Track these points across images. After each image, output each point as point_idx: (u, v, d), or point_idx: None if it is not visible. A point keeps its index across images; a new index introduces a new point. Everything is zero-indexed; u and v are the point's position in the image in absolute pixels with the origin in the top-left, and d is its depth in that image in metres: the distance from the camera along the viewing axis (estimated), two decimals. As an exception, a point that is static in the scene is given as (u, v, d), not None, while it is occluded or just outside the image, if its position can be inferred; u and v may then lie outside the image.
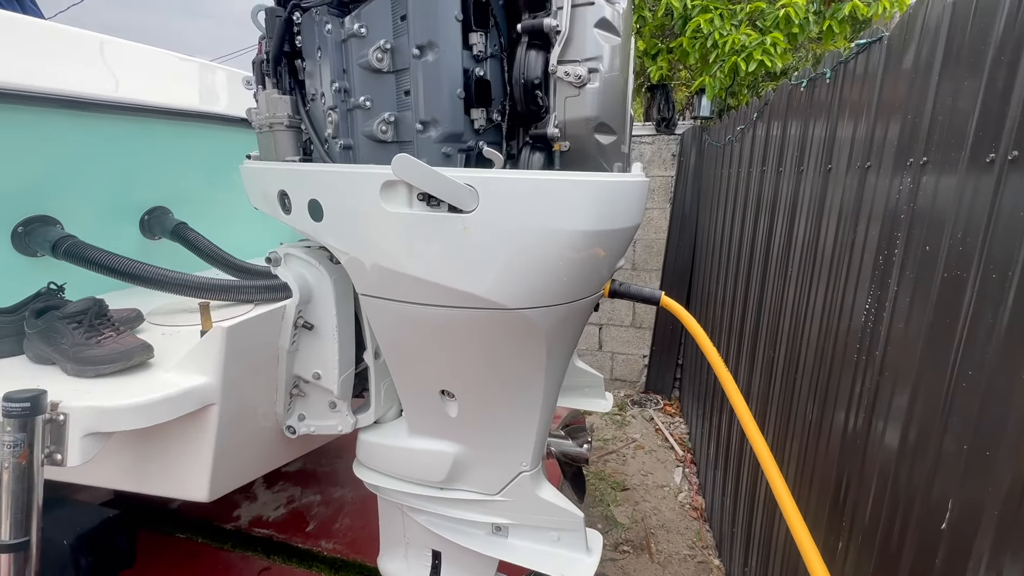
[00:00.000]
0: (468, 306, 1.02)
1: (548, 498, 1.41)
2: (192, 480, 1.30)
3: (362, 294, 1.15)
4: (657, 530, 2.79)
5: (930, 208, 0.94)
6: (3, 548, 0.99)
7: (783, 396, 1.74)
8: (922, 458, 0.94)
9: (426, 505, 1.48)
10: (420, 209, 0.96)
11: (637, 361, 4.57)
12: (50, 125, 1.73)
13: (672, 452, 3.60)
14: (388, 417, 1.57)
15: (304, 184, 1.10)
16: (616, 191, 0.98)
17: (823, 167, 1.48)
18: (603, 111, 0.98)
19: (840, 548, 1.24)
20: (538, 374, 1.21)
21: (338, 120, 1.06)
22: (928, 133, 0.95)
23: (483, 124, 1.01)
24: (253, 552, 2.44)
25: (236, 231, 2.36)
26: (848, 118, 1.35)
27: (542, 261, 0.97)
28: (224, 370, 1.19)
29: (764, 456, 1.00)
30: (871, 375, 1.12)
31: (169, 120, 2.15)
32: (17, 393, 0.99)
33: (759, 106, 2.29)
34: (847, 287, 1.28)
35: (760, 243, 2.16)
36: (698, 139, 3.98)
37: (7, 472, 0.99)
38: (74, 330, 1.20)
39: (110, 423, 1.09)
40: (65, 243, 1.55)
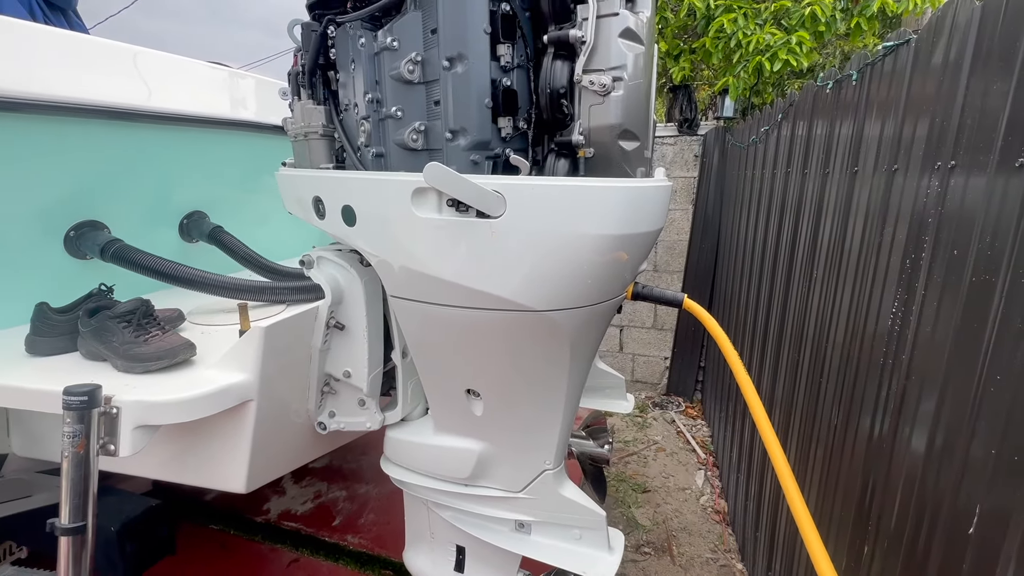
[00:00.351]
0: (494, 308, 1.05)
1: (571, 496, 1.44)
2: (231, 472, 1.36)
3: (392, 295, 1.20)
4: (679, 532, 2.78)
5: (958, 211, 0.94)
6: (62, 531, 1.06)
7: (808, 400, 1.73)
8: (949, 463, 0.93)
9: (451, 501, 1.52)
10: (449, 215, 0.99)
11: (658, 363, 4.55)
12: (97, 135, 1.83)
13: (694, 455, 3.57)
14: (415, 415, 1.61)
15: (338, 190, 1.15)
16: (639, 196, 1.01)
17: (849, 169, 1.47)
18: (627, 118, 1.00)
19: (866, 553, 1.23)
20: (562, 375, 1.24)
21: (371, 129, 1.11)
22: (956, 136, 0.95)
23: (510, 132, 1.05)
24: (282, 544, 2.52)
25: (268, 234, 2.45)
26: (875, 120, 1.34)
27: (567, 265, 1.00)
28: (262, 368, 1.25)
29: (779, 462, 1.01)
30: (898, 379, 1.12)
31: (205, 128, 2.24)
32: (76, 387, 1.06)
33: (784, 107, 2.27)
34: (873, 290, 1.27)
35: (784, 245, 2.14)
36: (721, 140, 3.95)
37: (67, 460, 1.06)
38: (124, 329, 1.27)
39: (158, 416, 1.16)
40: (113, 247, 1.64)
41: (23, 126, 1.62)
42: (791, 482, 1.03)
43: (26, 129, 1.63)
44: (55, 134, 1.71)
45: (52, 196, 1.69)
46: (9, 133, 1.58)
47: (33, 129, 1.64)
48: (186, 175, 2.19)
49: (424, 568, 1.72)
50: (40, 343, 1.37)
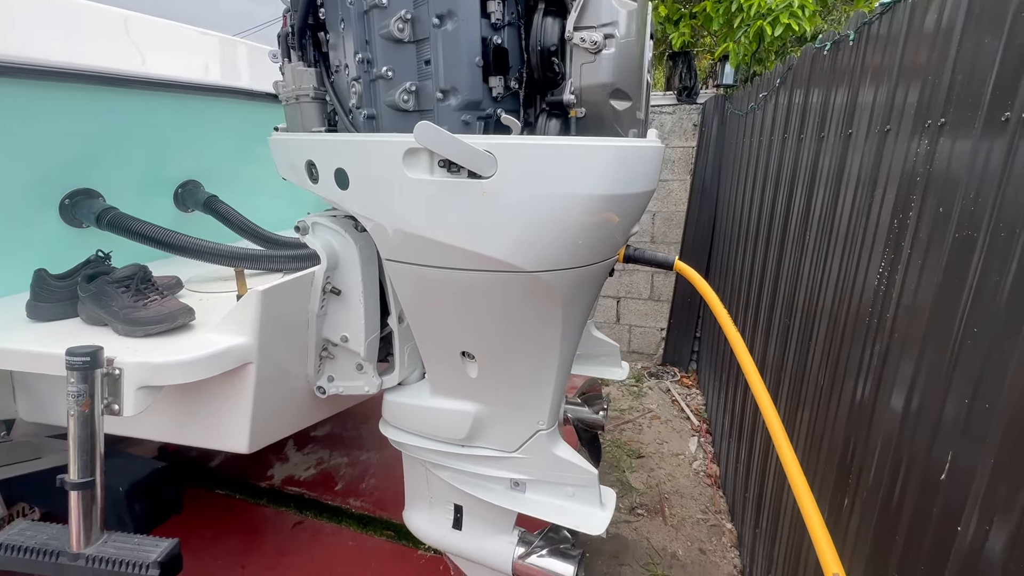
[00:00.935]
0: (486, 269, 1.07)
1: (564, 456, 1.48)
2: (234, 433, 1.40)
3: (386, 259, 1.21)
4: (671, 495, 2.87)
5: (945, 169, 0.94)
6: (72, 486, 1.10)
7: (797, 364, 1.76)
8: (926, 416, 0.97)
9: (448, 461, 1.57)
10: (441, 175, 1.00)
11: (655, 334, 4.60)
12: (91, 102, 1.81)
13: (688, 422, 3.65)
14: (412, 379, 1.65)
15: (330, 154, 1.15)
16: (631, 156, 1.01)
17: (843, 132, 1.47)
18: (619, 77, 1.00)
19: (846, 505, 1.29)
20: (554, 336, 1.26)
21: (361, 90, 1.11)
22: (947, 93, 0.95)
23: (501, 92, 1.04)
24: (287, 508, 2.61)
25: (264, 204, 2.45)
26: (870, 81, 1.33)
27: (558, 225, 1.01)
28: (260, 331, 1.28)
29: (771, 417, 1.04)
30: (881, 338, 1.15)
31: (199, 95, 2.22)
32: (78, 348, 1.09)
33: (783, 71, 2.24)
34: (862, 253, 1.28)
35: (779, 213, 2.14)
36: (720, 108, 3.90)
37: (73, 419, 1.09)
38: (123, 294, 1.29)
39: (160, 377, 1.19)
40: (108, 215, 1.65)
41: (16, 92, 1.60)
42: (782, 436, 1.06)
43: (19, 95, 1.61)
44: (48, 101, 1.69)
45: (46, 164, 1.69)
46: (4, 100, 1.56)
47: (25, 95, 1.63)
48: (180, 143, 2.18)
49: (423, 526, 1.78)
50: (41, 308, 1.39)
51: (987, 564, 0.80)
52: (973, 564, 0.84)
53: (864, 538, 1.18)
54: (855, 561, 1.21)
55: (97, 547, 1.13)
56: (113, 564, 1.10)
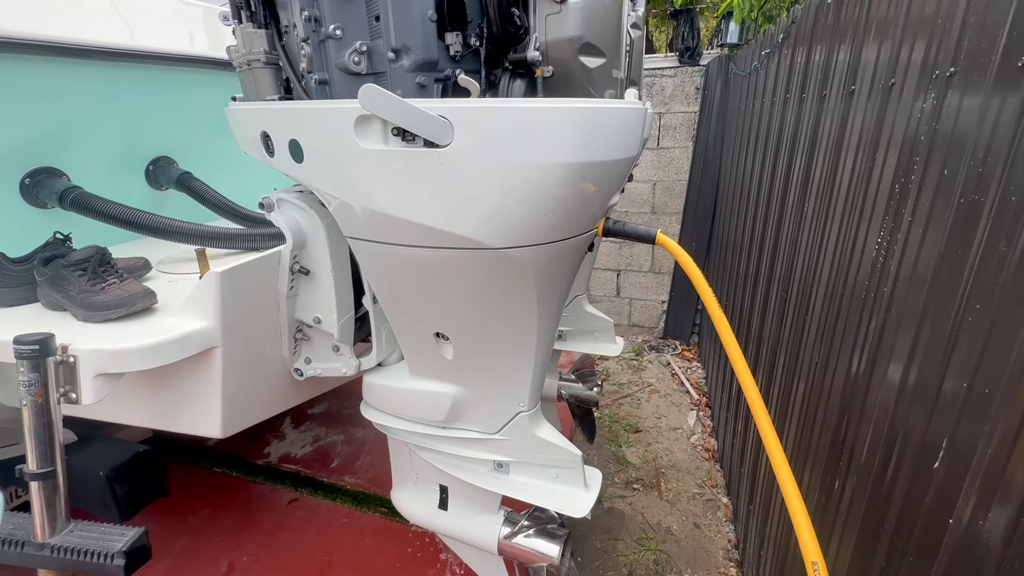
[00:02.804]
0: (450, 246, 1.00)
1: (546, 437, 1.44)
2: (205, 417, 1.37)
3: (348, 236, 1.14)
4: (668, 470, 2.85)
5: (952, 127, 0.85)
6: (31, 476, 1.07)
7: (793, 337, 1.69)
8: (922, 395, 0.90)
9: (430, 443, 1.53)
10: (396, 145, 0.92)
11: (656, 307, 4.52)
12: (52, 74, 1.72)
13: (687, 396, 3.61)
14: (391, 360, 1.60)
15: (283, 123, 1.07)
16: (603, 119, 0.92)
17: (846, 89, 1.35)
18: (588, 30, 0.90)
19: (837, 486, 1.23)
20: (530, 316, 1.20)
21: (311, 52, 1.02)
22: (958, 39, 0.84)
23: (459, 50, 0.95)
24: (282, 485, 2.62)
25: (242, 180, 2.37)
26: (876, 32, 1.21)
27: (525, 197, 0.93)
28: (222, 314, 1.22)
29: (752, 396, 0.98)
30: (878, 312, 1.07)
31: (171, 67, 2.11)
32: (26, 336, 1.04)
33: (786, 26, 2.09)
34: (861, 222, 1.19)
35: (779, 180, 2.03)
36: (724, 70, 3.71)
37: (26, 409, 1.06)
38: (79, 277, 1.24)
39: (118, 364, 1.15)
40: (71, 194, 1.59)
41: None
42: (763, 415, 1.00)
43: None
44: (7, 74, 1.61)
45: (5, 141, 1.61)
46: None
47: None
48: (152, 118, 2.08)
49: (410, 506, 1.76)
50: (0, 294, 1.35)
51: (981, 553, 0.75)
52: (966, 553, 0.78)
53: (854, 521, 1.13)
54: (843, 544, 1.16)
55: (63, 536, 1.11)
56: (78, 553, 1.08)
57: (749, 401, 1.02)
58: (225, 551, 2.19)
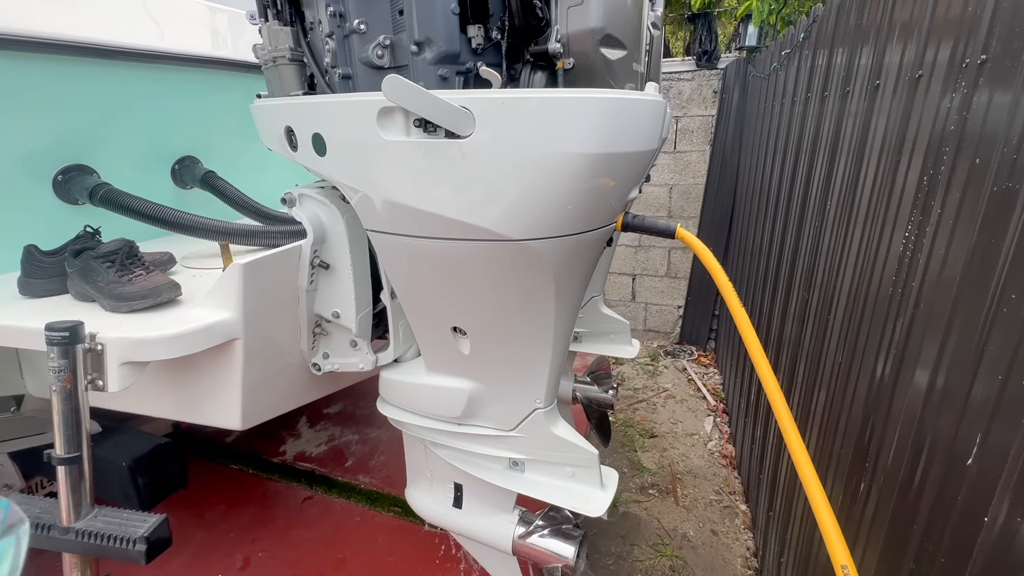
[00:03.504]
0: (470, 238, 1.00)
1: (562, 435, 1.43)
2: (226, 409, 1.39)
3: (368, 229, 1.15)
4: (684, 476, 2.81)
5: (984, 115, 0.83)
6: (58, 461, 1.10)
7: (815, 342, 1.66)
8: (951, 394, 0.87)
9: (445, 440, 1.53)
10: (417, 136, 0.93)
11: (672, 312, 4.48)
12: (85, 75, 1.78)
13: (704, 402, 3.56)
14: (408, 355, 1.60)
15: (306, 118, 1.09)
16: (624, 109, 0.92)
17: (870, 85, 1.33)
18: (609, 21, 0.90)
19: (862, 489, 1.20)
20: (548, 310, 1.19)
21: (335, 47, 1.03)
22: (990, 25, 0.82)
23: (481, 43, 0.96)
24: (297, 483, 2.64)
25: (265, 180, 2.41)
26: (901, 25, 1.19)
27: (544, 188, 0.93)
28: (244, 306, 1.24)
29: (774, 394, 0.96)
30: (905, 312, 1.04)
31: (197, 69, 2.17)
32: (57, 323, 1.07)
33: (806, 25, 2.07)
34: (887, 219, 1.17)
35: (799, 182, 2.00)
36: (743, 73, 3.68)
37: (55, 395, 1.08)
38: (107, 269, 1.27)
39: (143, 353, 1.17)
40: (101, 190, 1.63)
41: (10, 65, 1.58)
42: (787, 417, 0.98)
43: (12, 68, 1.59)
44: (43, 74, 1.66)
45: (39, 139, 1.67)
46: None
47: (19, 69, 1.60)
48: (179, 118, 2.14)
49: (424, 505, 1.76)
50: (32, 284, 1.39)
51: (1017, 558, 0.72)
52: (1000, 557, 0.75)
53: (880, 525, 1.10)
54: (869, 549, 1.13)
55: (87, 521, 1.13)
56: (102, 538, 1.09)
57: (770, 399, 1.00)
58: (240, 546, 2.20)
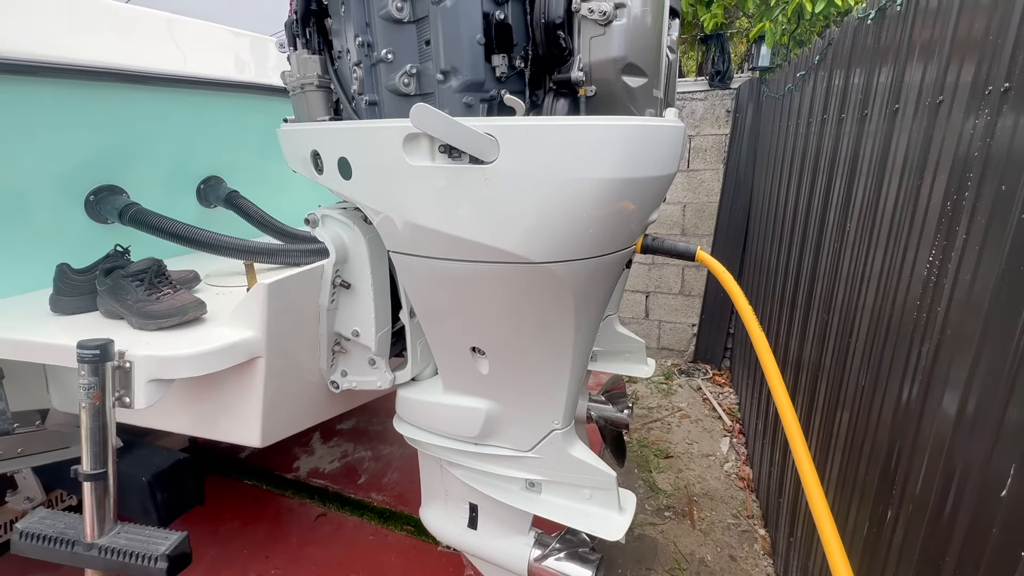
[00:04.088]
0: (491, 260, 1.01)
1: (580, 456, 1.42)
2: (246, 426, 1.40)
3: (390, 251, 1.17)
4: (700, 498, 2.76)
5: (1009, 142, 0.82)
6: (85, 477, 1.11)
7: (836, 363, 1.64)
8: (984, 419, 0.85)
9: (462, 460, 1.53)
10: (442, 162, 0.95)
11: (686, 330, 4.44)
12: (116, 99, 1.85)
13: (720, 422, 3.50)
14: (425, 374, 1.61)
15: (332, 142, 1.12)
16: (645, 136, 0.93)
17: (889, 108, 1.33)
18: (631, 50, 0.92)
19: (889, 517, 1.17)
20: (567, 332, 1.20)
21: (363, 76, 1.07)
22: (1012, 53, 0.83)
23: (505, 71, 0.98)
24: (310, 500, 2.64)
25: (287, 199, 2.46)
26: (920, 50, 1.20)
27: (567, 212, 0.94)
28: (268, 325, 1.27)
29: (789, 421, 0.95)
30: (931, 334, 1.03)
31: (223, 92, 2.24)
32: (89, 341, 1.09)
33: (821, 47, 2.08)
34: (909, 241, 1.16)
35: (817, 201, 2.00)
36: (756, 93, 3.70)
37: (84, 411, 1.10)
38: (136, 287, 1.30)
39: (170, 370, 1.19)
40: (131, 210, 1.68)
41: (45, 91, 1.64)
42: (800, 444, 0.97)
43: (48, 94, 1.65)
44: (76, 99, 1.73)
45: (73, 161, 1.73)
46: (32, 98, 1.61)
47: (54, 94, 1.67)
48: (205, 140, 2.21)
49: (439, 525, 1.75)
50: (63, 302, 1.42)
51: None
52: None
53: (909, 557, 1.07)
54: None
55: (110, 538, 1.14)
56: (124, 555, 1.11)
57: (785, 426, 0.99)
58: (254, 563, 2.20)
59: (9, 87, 1.55)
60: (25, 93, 1.58)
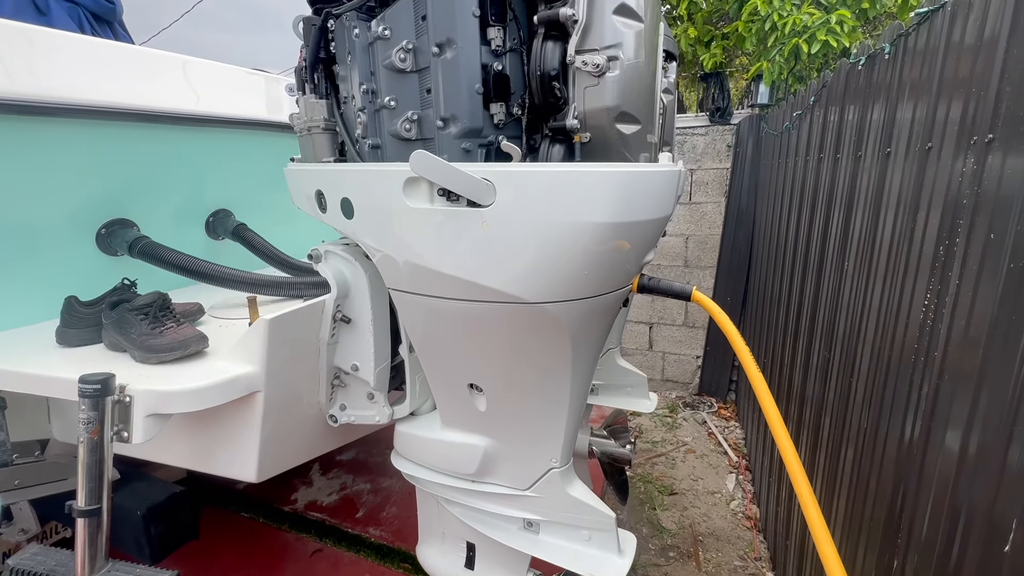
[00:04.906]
0: (489, 300, 1.03)
1: (579, 496, 1.39)
2: (242, 461, 1.40)
3: (390, 288, 1.19)
4: (706, 538, 2.68)
5: (995, 191, 0.84)
6: (79, 513, 1.11)
7: (839, 400, 1.62)
8: (984, 470, 0.84)
9: (459, 497, 1.51)
10: (440, 204, 0.97)
11: (690, 362, 4.40)
12: (130, 137, 1.92)
13: (725, 458, 3.44)
14: (424, 409, 1.61)
15: (336, 183, 1.16)
16: (637, 181, 0.96)
17: (881, 151, 1.36)
18: (624, 100, 0.96)
19: (896, 566, 1.14)
20: (564, 370, 1.20)
21: (367, 120, 1.11)
22: (995, 107, 0.85)
23: (503, 119, 1.02)
24: (307, 534, 2.59)
25: (293, 231, 2.51)
26: (908, 97, 1.23)
27: (562, 255, 0.96)
28: (268, 359, 1.28)
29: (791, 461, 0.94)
30: (929, 378, 1.02)
31: (234, 129, 2.31)
32: (91, 376, 1.11)
33: (816, 89, 2.14)
34: (905, 282, 1.17)
35: (816, 237, 2.01)
36: (755, 128, 3.77)
37: (82, 446, 1.11)
38: (141, 321, 1.32)
39: (169, 405, 1.20)
40: (140, 243, 1.72)
41: (60, 130, 1.71)
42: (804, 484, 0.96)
43: (62, 133, 1.72)
44: (90, 137, 1.80)
45: (87, 196, 1.78)
46: (48, 137, 1.68)
47: (68, 133, 1.74)
48: (214, 174, 2.27)
49: (435, 564, 1.71)
50: (69, 334, 1.45)
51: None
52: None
53: (917, 607, 1.03)
54: (907, 633, 1.06)
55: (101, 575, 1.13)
56: (114, 595, 1.09)
57: (790, 471, 0.98)
58: (247, 601, 2.15)
59: (28, 127, 1.61)
60: (44, 132, 1.65)
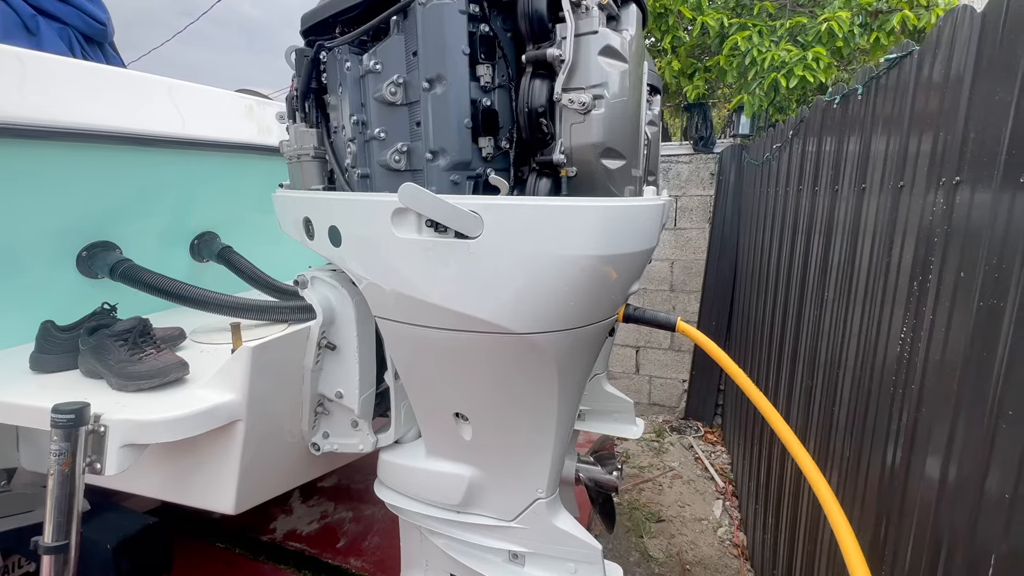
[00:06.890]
0: (475, 330, 1.03)
1: (565, 527, 1.38)
2: (220, 492, 1.36)
3: (377, 316, 1.19)
4: (694, 566, 2.65)
5: (964, 231, 0.87)
6: (45, 550, 1.06)
7: (821, 430, 1.63)
8: (962, 503, 0.85)
9: (443, 528, 1.48)
10: (428, 235, 0.98)
11: (676, 386, 4.42)
12: (114, 160, 1.90)
13: (712, 483, 3.42)
14: (408, 437, 1.58)
15: (324, 211, 1.16)
16: (622, 215, 0.98)
17: (857, 186, 1.41)
18: (609, 136, 0.98)
19: (881, 598, 1.14)
20: (550, 400, 1.20)
21: (356, 150, 1.12)
22: (960, 150, 0.89)
23: (491, 152, 1.04)
24: (286, 565, 2.50)
25: (278, 254, 2.49)
26: (881, 135, 1.28)
27: (548, 286, 0.97)
28: (250, 388, 1.25)
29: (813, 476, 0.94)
30: (908, 410, 1.04)
31: (220, 152, 2.31)
32: (64, 405, 1.08)
33: (795, 123, 2.22)
34: (883, 314, 1.20)
35: (797, 265, 2.06)
36: (737, 157, 3.88)
37: (52, 478, 1.07)
38: (120, 347, 1.29)
39: (145, 435, 1.17)
40: (121, 266, 1.70)
41: (42, 152, 1.69)
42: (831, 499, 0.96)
43: (45, 155, 1.70)
44: (73, 159, 1.78)
45: (68, 218, 1.76)
46: (30, 159, 1.66)
47: (50, 154, 1.72)
48: (198, 197, 2.25)
49: (418, 597, 1.67)
50: (44, 360, 1.41)
51: None
52: None
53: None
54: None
55: (65, 617, 1.07)
56: (79, 636, 1.04)
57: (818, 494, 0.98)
58: (220, 639, 2.06)
59: (10, 149, 1.59)
60: (25, 154, 1.63)
